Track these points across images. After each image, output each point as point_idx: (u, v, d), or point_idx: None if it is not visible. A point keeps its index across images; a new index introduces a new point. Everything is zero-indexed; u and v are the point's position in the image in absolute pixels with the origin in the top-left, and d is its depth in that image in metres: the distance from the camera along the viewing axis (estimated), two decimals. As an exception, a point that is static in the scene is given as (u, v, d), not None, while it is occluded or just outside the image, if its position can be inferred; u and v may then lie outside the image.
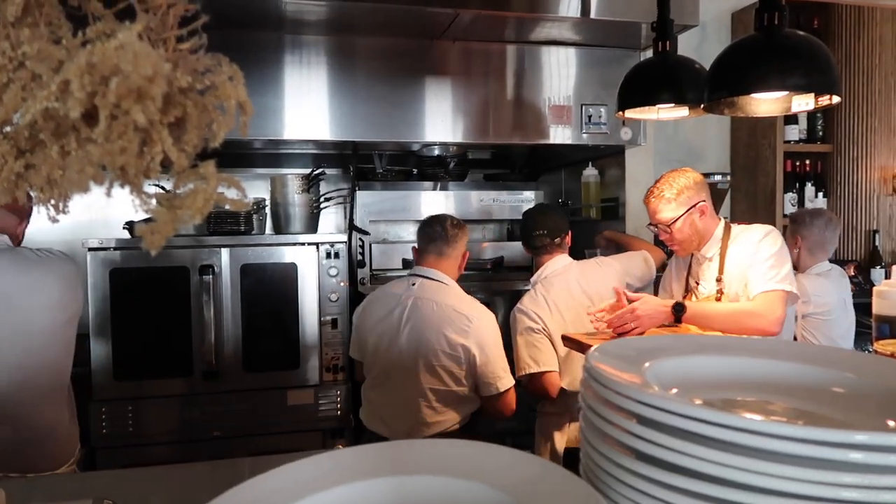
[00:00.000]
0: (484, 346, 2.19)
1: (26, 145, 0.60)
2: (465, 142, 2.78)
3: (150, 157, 0.68)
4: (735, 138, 3.99)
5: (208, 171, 0.71)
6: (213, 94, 0.72)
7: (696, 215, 2.14)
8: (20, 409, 1.75)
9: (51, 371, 1.84)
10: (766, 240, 2.07)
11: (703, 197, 2.16)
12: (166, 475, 1.14)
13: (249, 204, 2.82)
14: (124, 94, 0.61)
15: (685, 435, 0.58)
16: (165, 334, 2.53)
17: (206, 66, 0.67)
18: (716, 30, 3.91)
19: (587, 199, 3.17)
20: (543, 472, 0.59)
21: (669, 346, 0.80)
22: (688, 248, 2.20)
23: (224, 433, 2.54)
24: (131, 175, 0.69)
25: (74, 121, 0.64)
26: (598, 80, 2.80)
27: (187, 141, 0.71)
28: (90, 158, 0.65)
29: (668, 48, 1.97)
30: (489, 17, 2.42)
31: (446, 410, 2.22)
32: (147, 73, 0.60)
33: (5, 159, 0.58)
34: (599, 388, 0.61)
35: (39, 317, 1.78)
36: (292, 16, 2.38)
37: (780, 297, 1.96)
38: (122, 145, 0.65)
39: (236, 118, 0.72)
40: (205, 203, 0.71)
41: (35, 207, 0.67)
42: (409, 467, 0.60)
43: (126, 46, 0.59)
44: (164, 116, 0.68)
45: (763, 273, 2.00)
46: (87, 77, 0.61)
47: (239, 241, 2.61)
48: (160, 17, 0.63)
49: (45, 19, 0.67)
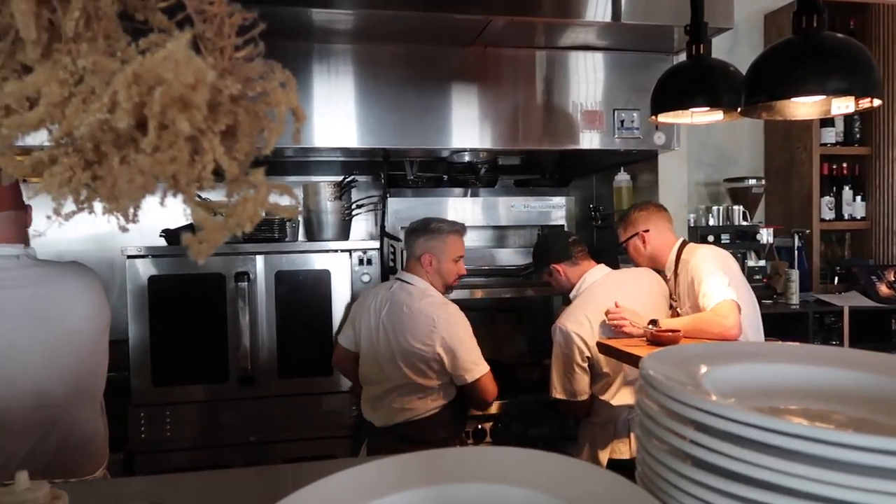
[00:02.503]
0: (450, 346, 2.26)
1: (93, 157, 0.61)
2: (494, 148, 2.78)
3: (202, 166, 0.68)
4: (769, 141, 3.93)
5: (258, 179, 0.72)
6: (264, 100, 0.72)
7: (638, 241, 2.53)
8: (72, 415, 1.80)
9: (98, 378, 1.89)
10: (698, 258, 2.34)
11: (651, 227, 2.52)
12: (213, 480, 1.16)
13: (300, 211, 2.85)
14: (168, 104, 0.62)
15: (744, 442, 0.57)
16: (202, 340, 2.57)
17: (259, 73, 0.68)
18: (748, 32, 3.86)
19: (619, 205, 3.14)
20: (599, 479, 0.59)
21: (721, 353, 0.79)
22: (640, 263, 2.59)
23: (259, 438, 2.56)
24: (183, 184, 0.69)
25: (130, 131, 0.66)
26: (630, 84, 2.78)
27: (239, 149, 0.72)
28: (141, 168, 0.66)
29: (702, 51, 1.95)
30: (520, 22, 2.42)
31: (424, 399, 2.33)
32: (188, 81, 0.61)
33: (73, 171, 0.59)
34: (658, 396, 0.61)
35: (85, 325, 1.83)
36: (320, 25, 2.41)
37: (733, 304, 2.18)
38: (172, 154, 0.66)
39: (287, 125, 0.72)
40: (255, 212, 0.72)
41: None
42: (462, 475, 0.60)
43: (170, 56, 0.60)
44: (215, 124, 0.68)
45: (710, 287, 2.23)
46: (134, 88, 0.62)
47: (273, 249, 2.64)
48: (217, 27, 0.64)
49: (103, 33, 0.68)
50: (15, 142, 0.61)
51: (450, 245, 2.42)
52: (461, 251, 2.47)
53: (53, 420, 1.75)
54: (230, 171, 0.70)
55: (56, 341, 1.77)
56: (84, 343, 1.83)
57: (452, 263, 2.43)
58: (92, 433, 1.87)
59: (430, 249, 2.40)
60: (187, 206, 0.70)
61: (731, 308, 2.17)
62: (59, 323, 1.78)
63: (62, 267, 1.87)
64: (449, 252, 2.41)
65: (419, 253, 2.41)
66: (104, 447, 1.94)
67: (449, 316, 2.31)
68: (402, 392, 2.32)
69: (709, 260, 2.33)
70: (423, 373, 2.29)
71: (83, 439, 1.84)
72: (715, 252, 2.42)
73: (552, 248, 2.58)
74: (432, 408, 2.33)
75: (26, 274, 1.77)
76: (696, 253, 2.40)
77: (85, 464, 1.83)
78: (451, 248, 2.42)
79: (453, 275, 2.45)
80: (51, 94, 0.64)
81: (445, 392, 2.35)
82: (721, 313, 2.16)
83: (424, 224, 2.45)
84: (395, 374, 2.31)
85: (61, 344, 1.77)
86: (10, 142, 0.60)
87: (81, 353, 1.82)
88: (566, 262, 2.53)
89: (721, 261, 2.36)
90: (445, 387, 2.35)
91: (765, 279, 3.35)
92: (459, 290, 3.02)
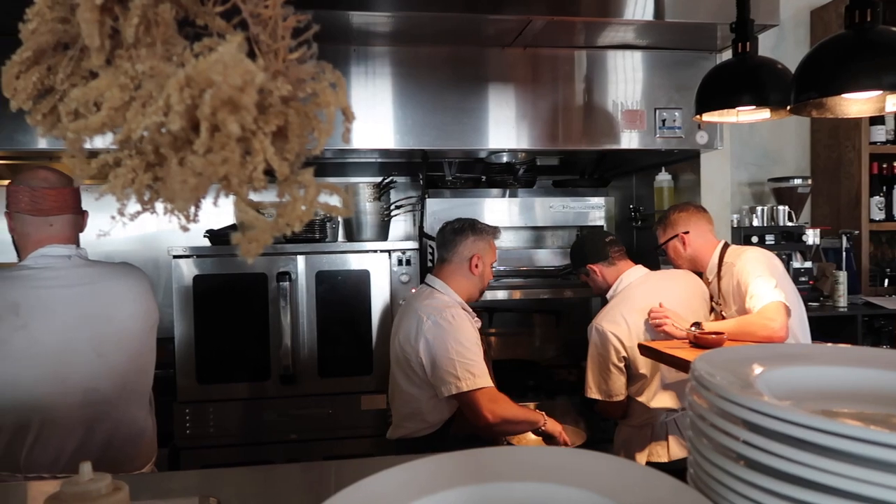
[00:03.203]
0: (431, 352, 2.10)
1: (154, 159, 0.63)
2: (533, 148, 2.77)
3: (253, 167, 0.70)
4: (815, 140, 3.83)
5: (307, 180, 0.73)
6: (314, 101, 0.73)
7: (678, 243, 2.51)
8: (119, 412, 1.85)
9: (146, 375, 1.95)
10: (745, 260, 2.31)
11: (690, 228, 2.50)
12: (260, 475, 1.18)
13: (352, 211, 2.87)
14: (218, 106, 0.63)
15: (799, 444, 0.56)
16: (245, 339, 2.62)
17: (310, 74, 0.69)
18: (793, 29, 3.77)
19: (660, 205, 3.10)
20: (649, 479, 0.58)
21: (774, 354, 0.78)
22: (680, 265, 2.56)
23: (300, 436, 2.60)
24: (235, 184, 0.71)
25: (186, 134, 0.67)
26: (672, 83, 2.75)
27: (289, 149, 0.73)
28: (193, 169, 0.68)
29: (748, 49, 1.92)
30: (560, 22, 2.41)
31: (414, 418, 2.19)
32: (236, 83, 0.62)
33: (136, 172, 0.61)
34: (711, 397, 0.60)
35: (133, 324, 1.88)
36: (359, 27, 2.43)
37: (782, 306, 2.14)
38: (224, 156, 0.67)
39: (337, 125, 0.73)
40: (305, 211, 0.73)
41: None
42: (512, 474, 0.60)
43: (219, 59, 0.62)
44: (266, 126, 0.70)
45: (758, 289, 2.19)
46: (186, 91, 0.64)
47: (314, 249, 2.68)
48: (270, 29, 0.65)
49: (161, 38, 0.70)
50: (83, 145, 0.63)
51: (493, 248, 2.37)
52: (496, 254, 2.42)
53: (101, 416, 1.80)
54: (281, 171, 0.71)
55: (105, 340, 1.82)
56: (132, 342, 1.88)
57: (490, 267, 2.38)
58: (140, 430, 1.92)
59: (479, 251, 2.31)
60: (237, 207, 0.71)
61: (779, 310, 2.13)
62: (108, 322, 1.83)
63: (112, 267, 1.92)
64: (492, 254, 2.37)
65: (468, 254, 2.29)
66: (153, 443, 1.99)
67: (441, 320, 2.13)
68: (397, 404, 2.25)
69: (756, 261, 2.30)
70: (409, 378, 2.18)
71: (131, 435, 1.89)
72: (761, 253, 2.38)
73: (589, 248, 2.56)
74: (423, 428, 2.19)
75: (78, 273, 1.83)
76: (742, 255, 2.36)
77: (133, 459, 1.88)
78: (494, 251, 2.38)
79: (489, 278, 2.38)
80: (112, 98, 0.66)
81: (435, 411, 2.17)
82: (768, 315, 2.12)
83: (471, 224, 2.35)
84: (392, 379, 2.27)
85: (110, 342, 1.82)
86: (79, 145, 0.62)
87: (130, 351, 1.87)
88: (603, 263, 2.52)
89: (767, 262, 2.32)
90: (436, 404, 2.16)
91: (811, 281, 3.26)
92: (498, 290, 3.02)
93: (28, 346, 1.72)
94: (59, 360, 1.75)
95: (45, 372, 1.74)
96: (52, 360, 1.74)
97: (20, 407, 1.71)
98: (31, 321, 1.73)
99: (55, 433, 1.75)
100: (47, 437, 1.74)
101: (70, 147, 0.62)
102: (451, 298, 2.25)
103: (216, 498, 0.92)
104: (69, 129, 0.64)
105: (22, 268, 1.80)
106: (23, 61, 0.64)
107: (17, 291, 1.74)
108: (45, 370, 1.74)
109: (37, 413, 1.72)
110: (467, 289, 2.31)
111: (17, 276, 1.78)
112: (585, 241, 2.65)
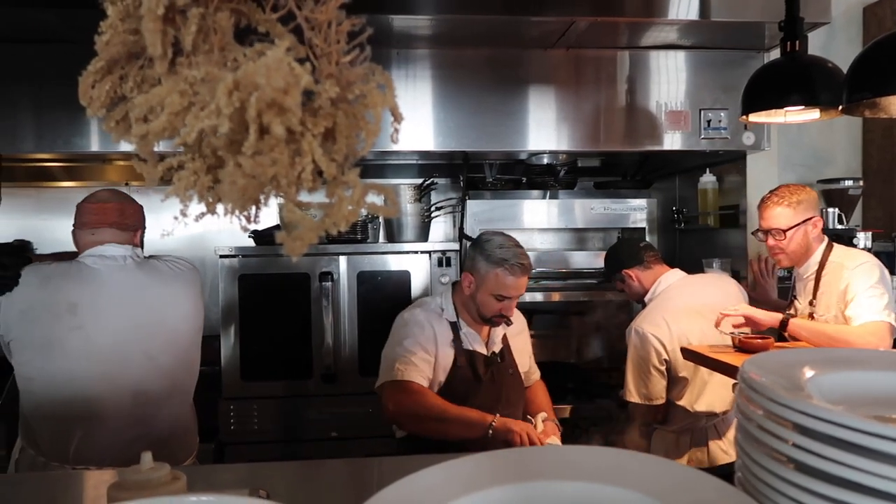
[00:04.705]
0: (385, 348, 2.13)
1: (214, 161, 0.65)
2: (574, 150, 2.75)
3: (301, 168, 0.71)
4: (867, 140, 3.71)
5: (353, 180, 0.74)
6: (362, 102, 0.74)
7: (809, 228, 2.25)
8: (167, 411, 1.91)
9: (192, 373, 2.01)
10: (862, 268, 2.14)
11: (817, 213, 2.28)
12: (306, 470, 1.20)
13: (399, 212, 2.89)
14: (263, 108, 0.65)
15: (850, 447, 0.55)
16: (288, 337, 2.67)
17: (361, 76, 0.71)
18: (845, 26, 3.66)
19: (704, 207, 3.05)
20: (697, 481, 0.58)
21: (825, 359, 0.76)
22: (794, 259, 2.30)
23: (341, 434, 2.64)
24: (284, 185, 0.73)
25: (241, 136, 0.70)
26: (718, 83, 2.70)
27: (337, 150, 0.74)
28: (243, 170, 0.70)
29: (798, 48, 1.88)
30: (604, 23, 2.39)
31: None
32: (279, 86, 0.63)
33: (197, 175, 0.64)
34: (761, 400, 0.60)
35: (182, 326, 1.95)
36: (400, 31, 2.45)
37: (887, 328, 2.03)
38: (273, 157, 0.69)
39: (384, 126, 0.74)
40: (351, 212, 0.74)
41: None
42: (556, 473, 0.61)
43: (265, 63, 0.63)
44: (315, 127, 0.71)
45: (867, 302, 2.06)
46: (235, 94, 0.66)
47: (356, 250, 2.71)
48: (324, 33, 0.67)
49: (219, 45, 0.72)
50: (151, 149, 0.66)
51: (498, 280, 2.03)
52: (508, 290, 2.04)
53: (149, 415, 1.87)
54: (328, 171, 0.72)
55: (155, 342, 1.88)
56: (181, 343, 1.94)
57: (493, 299, 2.05)
58: (184, 425, 1.98)
59: (475, 273, 2.08)
60: (285, 207, 0.73)
61: (886, 332, 2.01)
62: (159, 324, 1.89)
63: (166, 268, 1.98)
64: (495, 287, 2.04)
65: (465, 269, 2.12)
66: (195, 436, 2.05)
67: (402, 318, 2.13)
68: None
69: (874, 273, 2.13)
70: None
71: (177, 431, 1.95)
72: (877, 264, 2.20)
73: (623, 254, 2.54)
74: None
75: (132, 277, 1.89)
76: (858, 259, 2.19)
77: (177, 452, 1.94)
78: (499, 284, 2.03)
79: (487, 311, 2.08)
80: (172, 103, 0.68)
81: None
82: (875, 332, 2.00)
83: (487, 242, 2.09)
84: None
85: (160, 344, 1.89)
86: (148, 149, 0.65)
87: (178, 352, 1.93)
88: (638, 267, 2.48)
89: (883, 275, 2.16)
90: None
91: (862, 286, 3.16)
92: (536, 292, 3.01)
93: (83, 346, 1.79)
94: (112, 360, 1.82)
95: (98, 372, 1.80)
96: (105, 361, 1.81)
97: (73, 403, 1.78)
98: (87, 322, 1.80)
99: (104, 430, 1.81)
100: (96, 433, 1.80)
101: (140, 151, 0.64)
102: (434, 303, 2.17)
103: (265, 490, 0.95)
104: (132, 133, 0.66)
105: (79, 263, 1.88)
106: (97, 71, 0.67)
107: (75, 292, 1.81)
108: (98, 370, 1.81)
109: (88, 410, 1.79)
110: (464, 303, 2.14)
111: (75, 272, 1.85)
112: (619, 247, 2.65)
